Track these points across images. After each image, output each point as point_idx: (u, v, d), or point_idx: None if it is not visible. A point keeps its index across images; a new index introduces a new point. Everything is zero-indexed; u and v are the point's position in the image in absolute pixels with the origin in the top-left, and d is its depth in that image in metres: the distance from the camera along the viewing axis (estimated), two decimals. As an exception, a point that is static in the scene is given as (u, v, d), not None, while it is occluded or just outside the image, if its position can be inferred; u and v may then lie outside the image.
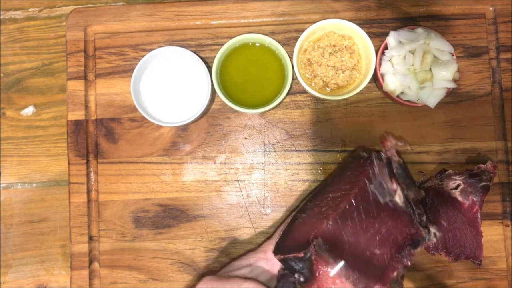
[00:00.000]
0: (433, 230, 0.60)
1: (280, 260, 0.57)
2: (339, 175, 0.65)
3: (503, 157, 0.71)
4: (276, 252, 0.59)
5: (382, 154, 0.63)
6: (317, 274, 0.56)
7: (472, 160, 0.70)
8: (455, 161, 0.70)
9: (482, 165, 0.66)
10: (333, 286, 0.55)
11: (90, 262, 0.70)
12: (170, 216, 0.70)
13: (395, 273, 0.56)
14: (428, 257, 0.69)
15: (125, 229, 0.70)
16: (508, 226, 0.69)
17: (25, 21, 0.76)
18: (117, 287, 0.69)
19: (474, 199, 0.65)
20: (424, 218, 0.60)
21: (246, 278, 0.58)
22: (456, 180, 0.66)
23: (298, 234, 0.59)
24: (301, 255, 0.56)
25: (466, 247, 0.66)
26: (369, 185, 0.60)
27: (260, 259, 0.62)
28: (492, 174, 0.66)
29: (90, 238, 0.70)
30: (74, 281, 0.69)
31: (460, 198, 0.66)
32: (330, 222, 0.57)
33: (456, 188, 0.66)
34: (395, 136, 0.69)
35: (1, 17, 0.76)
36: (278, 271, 0.60)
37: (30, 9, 0.76)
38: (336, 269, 0.55)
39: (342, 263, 0.56)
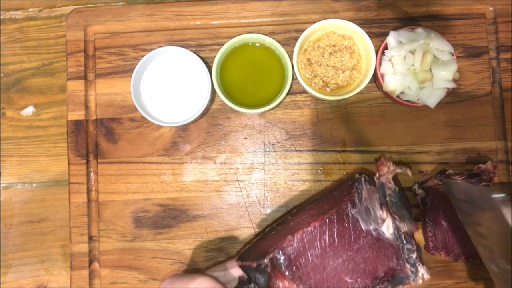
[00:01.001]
0: (421, 271, 0.56)
1: (240, 267, 0.57)
2: (327, 193, 0.63)
3: (503, 157, 0.71)
4: (238, 258, 0.58)
5: (376, 178, 0.60)
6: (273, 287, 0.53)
7: (472, 160, 0.70)
8: (455, 161, 0.70)
9: (482, 165, 0.66)
10: None
11: (90, 262, 0.70)
12: (170, 216, 0.70)
13: None
14: (428, 257, 0.69)
15: (125, 229, 0.70)
16: (508, 226, 0.69)
17: (25, 21, 0.76)
18: (117, 287, 0.69)
19: (474, 199, 0.65)
20: (414, 255, 0.56)
21: (205, 274, 0.57)
22: (456, 180, 0.66)
23: (265, 245, 0.58)
24: (254, 265, 0.54)
25: (466, 247, 0.66)
26: (350, 208, 0.56)
27: (235, 266, 0.62)
28: (492, 174, 0.66)
29: (90, 238, 0.70)
30: (74, 281, 0.69)
31: (460, 198, 0.66)
32: (295, 239, 0.55)
33: (456, 188, 0.66)
34: (395, 161, 0.67)
35: (1, 17, 0.76)
36: (239, 277, 0.59)
37: (30, 9, 0.76)
38: (293, 286, 0.53)
39: (300, 281, 0.53)
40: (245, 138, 0.71)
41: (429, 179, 0.68)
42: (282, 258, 0.54)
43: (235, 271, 0.61)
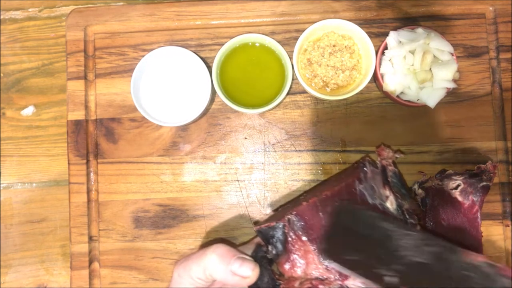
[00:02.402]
0: None
1: (256, 232, 0.57)
2: (334, 176, 0.67)
3: (503, 157, 0.71)
4: (255, 223, 0.61)
5: (378, 162, 0.64)
6: (290, 249, 0.55)
7: (472, 160, 0.70)
8: (455, 161, 0.70)
9: (482, 165, 0.66)
10: (304, 265, 0.55)
11: (90, 262, 0.70)
12: (170, 216, 0.70)
13: None
14: (428, 257, 0.69)
15: (125, 229, 0.70)
16: (508, 226, 0.69)
17: (25, 21, 0.76)
18: (117, 287, 0.69)
19: (474, 199, 0.65)
20: (418, 228, 0.60)
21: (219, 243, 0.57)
22: (456, 180, 0.66)
23: (280, 214, 0.60)
24: (273, 224, 0.56)
25: (466, 247, 0.65)
26: (358, 184, 0.60)
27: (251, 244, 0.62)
28: (492, 174, 0.66)
29: (90, 238, 0.70)
30: (74, 281, 0.69)
31: (460, 198, 0.66)
32: (309, 204, 0.57)
33: (456, 188, 0.66)
34: (393, 149, 0.69)
35: (1, 17, 0.76)
36: (256, 242, 0.60)
37: (30, 9, 0.76)
38: (309, 247, 0.55)
39: (316, 243, 0.55)
40: (245, 138, 0.71)
41: (429, 179, 0.68)
42: (298, 220, 0.56)
43: (251, 246, 0.61)
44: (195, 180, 0.71)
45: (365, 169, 0.61)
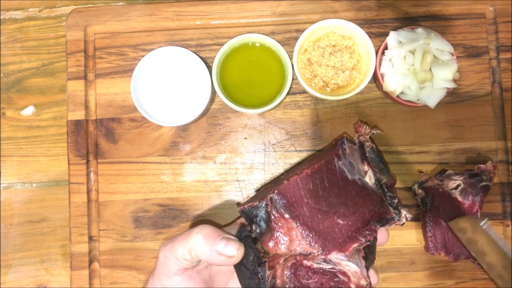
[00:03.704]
0: (404, 212, 0.61)
1: (240, 212, 0.58)
2: (314, 154, 0.70)
3: (503, 157, 0.71)
4: (237, 204, 0.62)
5: (355, 138, 0.65)
6: (273, 227, 0.56)
7: (472, 160, 0.70)
8: (455, 161, 0.70)
9: (482, 165, 0.66)
10: (288, 242, 0.56)
11: (90, 262, 0.70)
12: (170, 216, 0.70)
13: (356, 244, 0.57)
14: (428, 257, 0.69)
15: (125, 229, 0.70)
16: (508, 226, 0.69)
17: (25, 21, 0.76)
18: (117, 287, 0.69)
19: (474, 199, 0.65)
20: (396, 200, 0.61)
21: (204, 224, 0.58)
22: (456, 180, 0.66)
23: (262, 194, 0.61)
24: (256, 203, 0.56)
25: (466, 247, 0.66)
26: (337, 161, 0.61)
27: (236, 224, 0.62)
28: (492, 174, 0.66)
29: (90, 238, 0.70)
30: (74, 281, 0.69)
31: (460, 198, 0.66)
32: (290, 183, 0.58)
33: (456, 188, 0.66)
34: (370, 125, 0.70)
35: (1, 17, 0.76)
36: (240, 223, 0.61)
37: (30, 9, 0.76)
38: (292, 225, 0.56)
39: (298, 220, 0.56)
40: (245, 138, 0.71)
41: (429, 179, 0.68)
42: (280, 199, 0.57)
43: (235, 226, 0.61)
44: (195, 180, 0.71)
45: (343, 146, 0.62)
